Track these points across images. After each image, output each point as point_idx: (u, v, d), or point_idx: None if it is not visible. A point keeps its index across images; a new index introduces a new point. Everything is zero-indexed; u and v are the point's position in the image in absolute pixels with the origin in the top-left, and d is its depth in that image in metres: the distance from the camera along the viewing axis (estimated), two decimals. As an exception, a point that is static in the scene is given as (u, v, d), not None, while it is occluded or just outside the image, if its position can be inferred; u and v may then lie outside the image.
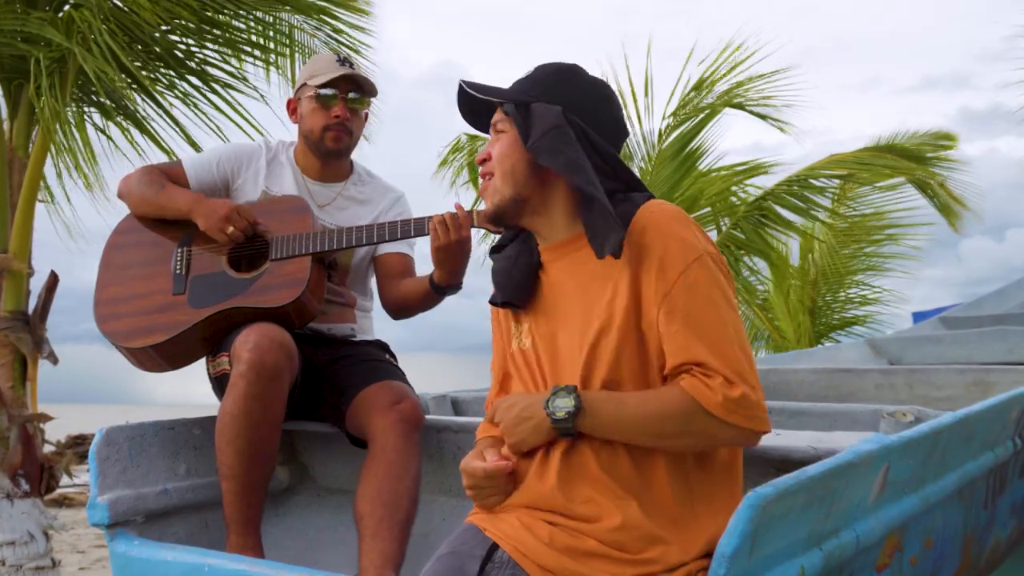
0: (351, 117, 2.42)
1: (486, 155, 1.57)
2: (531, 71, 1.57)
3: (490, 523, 1.48)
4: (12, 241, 4.35)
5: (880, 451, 1.54)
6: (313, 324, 2.35)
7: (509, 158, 1.54)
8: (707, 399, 1.35)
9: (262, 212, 2.36)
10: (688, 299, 1.39)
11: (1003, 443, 2.23)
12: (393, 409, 2.15)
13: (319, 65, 2.44)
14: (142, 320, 2.30)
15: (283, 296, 2.23)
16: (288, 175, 2.46)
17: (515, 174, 1.53)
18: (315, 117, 2.41)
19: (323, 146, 2.43)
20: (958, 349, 4.35)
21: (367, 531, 2.03)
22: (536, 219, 1.56)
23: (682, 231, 1.43)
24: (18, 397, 4.29)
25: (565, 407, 1.41)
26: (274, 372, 2.07)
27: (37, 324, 4.38)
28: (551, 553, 1.38)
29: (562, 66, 1.57)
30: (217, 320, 2.25)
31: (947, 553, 2.04)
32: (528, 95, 1.53)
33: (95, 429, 2.08)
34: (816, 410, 2.44)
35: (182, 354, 2.32)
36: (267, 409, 2.09)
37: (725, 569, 1.24)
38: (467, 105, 1.62)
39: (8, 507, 4.08)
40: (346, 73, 2.38)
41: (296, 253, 2.26)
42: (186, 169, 2.45)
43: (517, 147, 1.53)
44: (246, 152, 2.49)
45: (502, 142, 1.55)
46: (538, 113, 1.50)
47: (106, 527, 1.98)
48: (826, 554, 1.47)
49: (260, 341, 2.07)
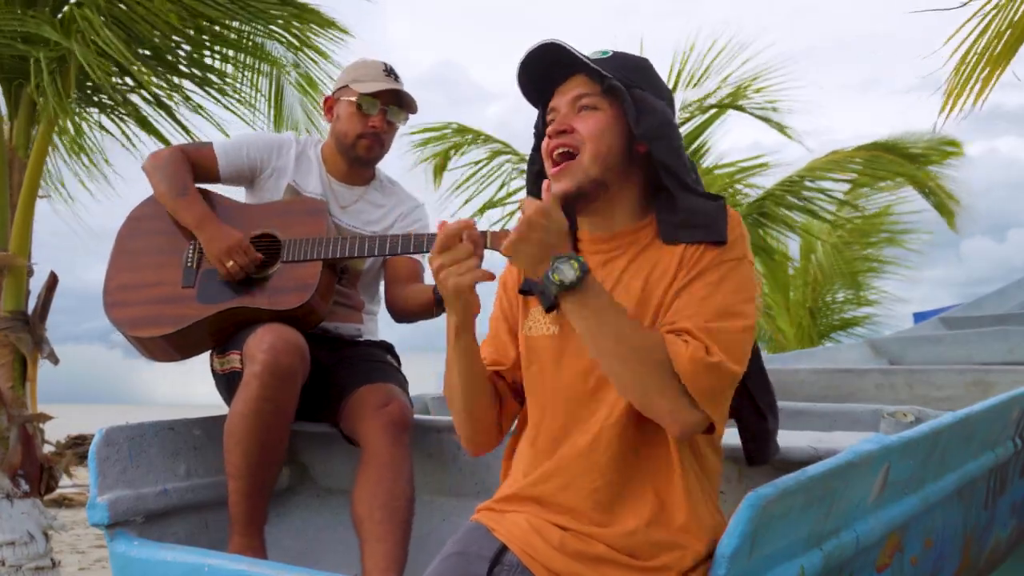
0: (387, 129, 2.43)
1: (566, 126, 1.47)
2: (610, 55, 1.50)
3: (497, 523, 1.45)
4: (12, 241, 4.35)
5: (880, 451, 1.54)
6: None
7: (607, 137, 1.46)
8: (678, 352, 1.32)
9: (278, 212, 2.36)
10: (713, 287, 1.39)
11: (1003, 443, 2.23)
12: (381, 412, 2.15)
13: (365, 71, 2.44)
14: (149, 309, 2.30)
15: (293, 299, 2.23)
16: (315, 172, 2.46)
17: (609, 156, 1.46)
18: (352, 122, 2.41)
19: (354, 152, 2.43)
20: (958, 349, 4.35)
21: (368, 535, 2.03)
22: (601, 206, 1.50)
23: (739, 233, 1.44)
24: (18, 397, 4.28)
25: (566, 275, 1.31)
26: (288, 374, 2.08)
27: (37, 324, 4.38)
28: (561, 558, 1.37)
29: (642, 59, 1.55)
30: (225, 318, 2.25)
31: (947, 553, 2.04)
32: (630, 80, 1.48)
33: (95, 429, 2.08)
34: (816, 410, 2.44)
35: (187, 347, 2.32)
36: (279, 411, 2.10)
37: (725, 569, 1.23)
38: (542, 68, 1.50)
39: (8, 507, 4.08)
40: (391, 88, 2.40)
41: (308, 257, 2.26)
42: (217, 153, 2.42)
43: (616, 129, 1.47)
44: (276, 143, 2.48)
45: (597, 120, 1.47)
46: (647, 102, 1.46)
47: (106, 527, 1.98)
48: (826, 554, 1.47)
49: (276, 343, 2.08)
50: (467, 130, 7.79)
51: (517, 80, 1.54)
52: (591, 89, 1.48)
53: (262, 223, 2.35)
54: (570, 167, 1.46)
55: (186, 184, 2.36)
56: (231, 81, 4.60)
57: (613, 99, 1.48)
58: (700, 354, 1.32)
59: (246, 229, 2.33)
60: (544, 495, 1.44)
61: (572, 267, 1.31)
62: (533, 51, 1.47)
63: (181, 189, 2.35)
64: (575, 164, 1.46)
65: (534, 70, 1.51)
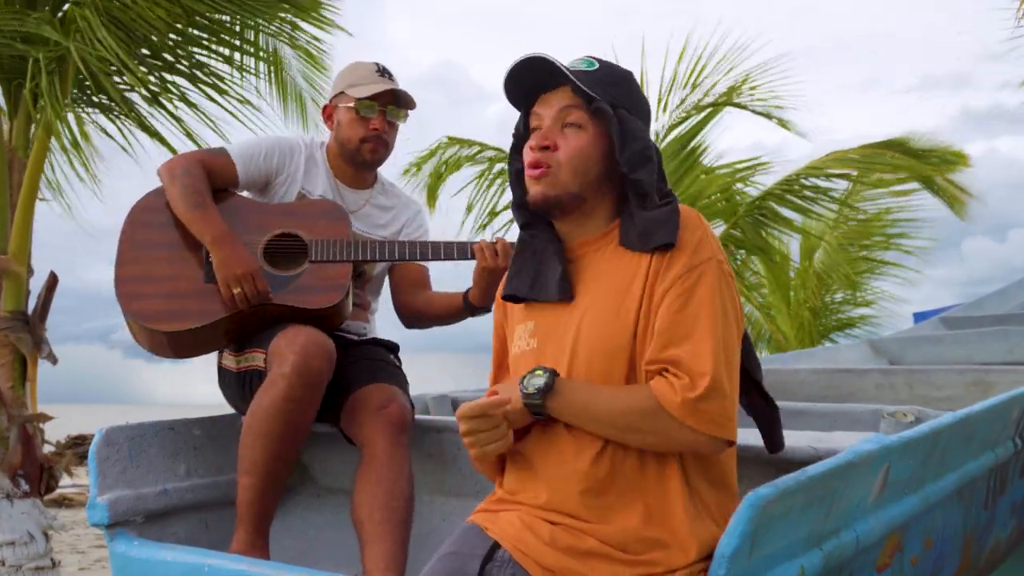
0: (388, 130, 2.43)
1: (550, 143, 1.52)
2: (596, 67, 1.54)
3: (491, 522, 1.48)
4: (12, 241, 4.35)
5: (880, 451, 1.54)
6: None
7: (587, 158, 1.51)
8: (668, 399, 1.37)
9: (297, 213, 2.35)
10: (685, 299, 1.41)
11: (1003, 443, 2.23)
12: (381, 413, 2.15)
13: (358, 74, 2.43)
14: (170, 303, 2.26)
15: (325, 299, 2.23)
16: (322, 177, 2.46)
17: (587, 174, 1.52)
18: (353, 128, 2.40)
19: (359, 157, 2.43)
20: (958, 349, 4.35)
21: (368, 536, 2.03)
22: (576, 216, 1.55)
23: (700, 234, 1.46)
24: (18, 397, 4.29)
25: (536, 384, 1.43)
26: (316, 378, 2.08)
27: (37, 324, 4.38)
28: (552, 552, 1.38)
29: (626, 72, 1.58)
30: (250, 315, 2.24)
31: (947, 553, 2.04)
32: (613, 98, 1.52)
33: (95, 429, 2.07)
34: (816, 410, 2.44)
35: (202, 344, 2.29)
36: (303, 412, 2.10)
37: (725, 569, 1.24)
38: (531, 78, 1.55)
39: (8, 507, 4.08)
40: (387, 88, 2.39)
41: (338, 258, 2.27)
42: (234, 160, 2.39)
43: (597, 149, 1.52)
44: (288, 146, 2.46)
45: (580, 139, 1.51)
46: (630, 126, 1.50)
47: (106, 527, 1.98)
48: (826, 554, 1.47)
49: (308, 345, 2.07)
50: (460, 141, 7.65)
51: (504, 88, 1.58)
52: (576, 103, 1.53)
53: (283, 223, 2.34)
54: (548, 175, 1.52)
55: (203, 196, 2.31)
56: (228, 77, 4.60)
57: (598, 119, 1.52)
58: (688, 394, 1.36)
59: (265, 228, 2.33)
60: (535, 499, 1.46)
61: (538, 375, 1.44)
62: (521, 62, 1.52)
63: (198, 201, 2.30)
64: (550, 176, 1.52)
65: (521, 73, 1.55)
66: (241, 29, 4.56)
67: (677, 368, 1.38)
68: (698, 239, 1.45)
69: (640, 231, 1.48)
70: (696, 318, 1.40)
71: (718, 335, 1.39)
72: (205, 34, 4.54)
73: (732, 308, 1.45)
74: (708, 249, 1.45)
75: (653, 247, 1.45)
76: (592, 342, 1.47)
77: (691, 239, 1.45)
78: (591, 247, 1.55)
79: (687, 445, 1.40)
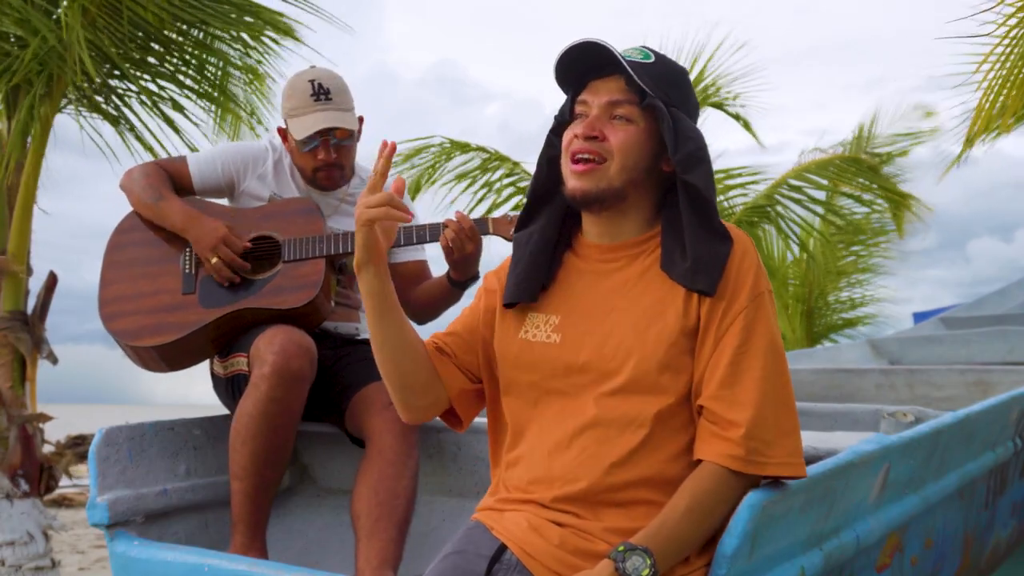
0: (338, 154, 2.36)
1: (599, 133, 1.45)
2: (652, 60, 1.48)
3: (497, 522, 1.45)
4: (11, 241, 4.35)
5: (880, 451, 1.54)
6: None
7: (636, 153, 1.46)
8: (724, 458, 1.33)
9: (271, 214, 2.35)
10: (741, 339, 1.38)
11: (1003, 443, 2.23)
12: (389, 408, 2.14)
13: (294, 101, 2.34)
14: (150, 319, 2.28)
15: (298, 298, 2.23)
16: (292, 182, 2.44)
17: (636, 171, 1.46)
18: (303, 159, 2.36)
19: (317, 184, 2.40)
20: (959, 349, 4.35)
21: (363, 531, 2.03)
22: (612, 214, 1.50)
23: (754, 265, 1.43)
24: (17, 397, 4.28)
25: (639, 570, 1.29)
26: (298, 377, 2.08)
27: (36, 324, 4.37)
28: (561, 555, 1.36)
29: (681, 69, 1.54)
30: (229, 320, 2.25)
31: (947, 553, 2.04)
32: (669, 97, 1.47)
33: (95, 429, 2.08)
34: (816, 410, 2.44)
35: (189, 354, 2.30)
36: (287, 413, 2.09)
37: (725, 569, 1.24)
38: (582, 62, 1.48)
39: (8, 507, 4.08)
40: (325, 127, 2.29)
41: (309, 255, 2.26)
42: (191, 168, 2.41)
43: (648, 145, 1.47)
44: (252, 153, 2.45)
45: (630, 133, 1.46)
46: (685, 126, 1.46)
47: (106, 527, 1.98)
48: (826, 554, 1.47)
49: (286, 345, 2.07)
50: (458, 144, 7.22)
51: (554, 70, 1.52)
52: (628, 97, 1.46)
53: (258, 225, 2.34)
54: (595, 171, 1.45)
55: (160, 191, 2.34)
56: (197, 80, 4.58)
57: (650, 115, 1.46)
58: (735, 449, 1.33)
59: (242, 232, 2.32)
60: (544, 498, 1.43)
61: (635, 560, 1.29)
62: (574, 46, 1.46)
63: (157, 195, 2.34)
64: (600, 170, 1.45)
65: (573, 57, 1.49)
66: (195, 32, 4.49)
67: (727, 429, 1.35)
68: (753, 273, 1.42)
69: (689, 267, 1.42)
70: (749, 364, 1.37)
71: (768, 382, 1.37)
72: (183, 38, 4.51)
73: (778, 334, 1.43)
74: (760, 285, 1.42)
75: (699, 291, 1.41)
76: (625, 355, 1.43)
77: (746, 278, 1.41)
78: (627, 251, 1.50)
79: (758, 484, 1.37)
